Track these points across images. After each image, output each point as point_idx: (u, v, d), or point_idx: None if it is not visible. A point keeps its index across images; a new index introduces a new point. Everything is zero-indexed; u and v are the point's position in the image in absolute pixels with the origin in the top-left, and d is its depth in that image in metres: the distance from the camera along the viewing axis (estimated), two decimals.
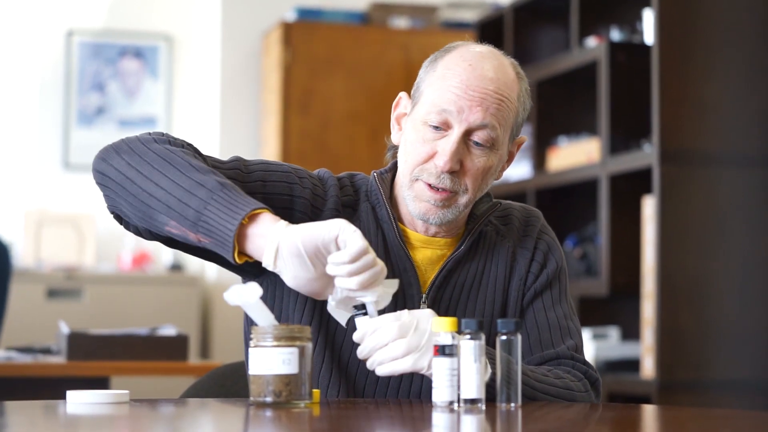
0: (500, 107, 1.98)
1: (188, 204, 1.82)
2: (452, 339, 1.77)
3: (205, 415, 1.83)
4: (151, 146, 1.90)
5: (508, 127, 2.01)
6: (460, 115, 1.96)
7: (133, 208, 1.87)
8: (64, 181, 6.27)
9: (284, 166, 2.03)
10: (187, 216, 1.82)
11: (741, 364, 3.98)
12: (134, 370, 3.44)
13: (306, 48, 5.97)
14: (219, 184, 1.83)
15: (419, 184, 1.99)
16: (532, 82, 4.80)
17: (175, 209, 1.83)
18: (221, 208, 1.80)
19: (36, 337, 4.91)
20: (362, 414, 1.76)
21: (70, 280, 5.75)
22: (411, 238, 2.05)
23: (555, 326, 2.05)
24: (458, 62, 1.99)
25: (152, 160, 1.87)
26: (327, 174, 2.06)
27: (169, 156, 1.88)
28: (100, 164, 1.93)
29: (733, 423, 1.78)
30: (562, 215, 4.78)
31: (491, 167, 2.01)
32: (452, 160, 1.96)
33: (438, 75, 2.00)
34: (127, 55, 6.37)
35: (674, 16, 4.00)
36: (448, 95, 1.96)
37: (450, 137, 1.97)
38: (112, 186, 1.90)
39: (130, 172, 1.87)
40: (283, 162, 2.05)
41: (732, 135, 4.04)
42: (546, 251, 2.10)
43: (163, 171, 1.85)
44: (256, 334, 1.79)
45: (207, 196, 1.81)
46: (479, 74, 1.97)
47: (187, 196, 1.82)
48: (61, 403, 1.85)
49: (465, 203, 2.01)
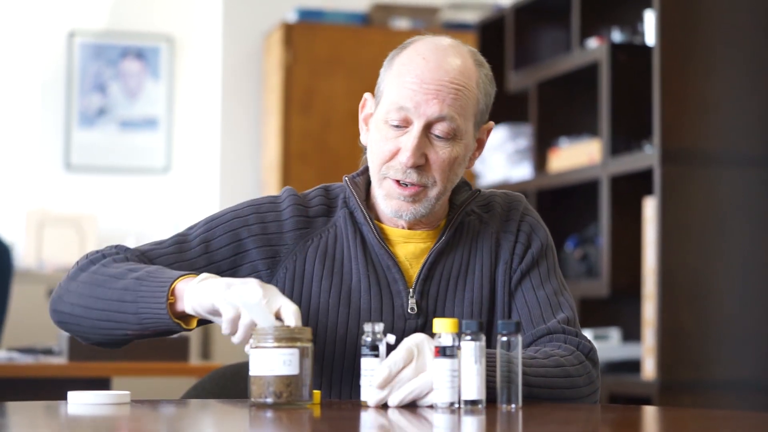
0: (457, 97, 1.98)
1: (125, 311, 1.94)
2: (453, 340, 1.77)
3: (206, 416, 1.83)
4: (78, 278, 2.02)
5: (469, 116, 2.02)
6: (417, 110, 1.97)
7: (98, 335, 2.01)
8: (65, 181, 6.27)
9: (226, 215, 2.09)
10: (130, 321, 1.94)
11: (742, 364, 3.98)
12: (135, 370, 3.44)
13: (307, 48, 5.97)
14: (137, 281, 1.94)
15: (387, 182, 2.01)
16: (533, 83, 4.81)
17: (121, 320, 1.95)
18: (149, 302, 1.92)
19: (37, 337, 4.91)
20: (363, 415, 1.76)
21: None
22: (391, 234, 2.06)
23: (545, 303, 2.05)
24: (413, 57, 2.01)
25: (83, 290, 1.99)
26: (286, 194, 2.10)
27: (93, 279, 1.99)
28: (54, 315, 2.05)
29: (734, 424, 1.78)
30: (563, 216, 4.78)
31: (457, 157, 2.01)
32: (415, 155, 1.97)
33: (394, 72, 2.02)
34: (129, 56, 6.38)
35: (675, 17, 4.00)
36: (404, 92, 1.98)
37: (411, 133, 1.98)
38: (74, 328, 2.02)
39: (76, 310, 2.00)
40: (230, 208, 2.11)
41: (733, 136, 4.04)
42: (529, 232, 2.10)
43: (95, 295, 1.98)
44: (256, 335, 1.79)
45: (133, 297, 1.93)
46: (433, 67, 1.98)
47: (121, 306, 1.95)
48: (62, 403, 1.85)
49: (436, 195, 2.01)
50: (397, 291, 2.02)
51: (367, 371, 1.82)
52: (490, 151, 5.05)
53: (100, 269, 2.00)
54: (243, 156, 6.26)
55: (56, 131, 6.28)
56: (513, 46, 5.01)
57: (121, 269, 1.97)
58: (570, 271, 4.58)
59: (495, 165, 5.04)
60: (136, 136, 6.36)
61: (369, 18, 6.15)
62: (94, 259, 2.04)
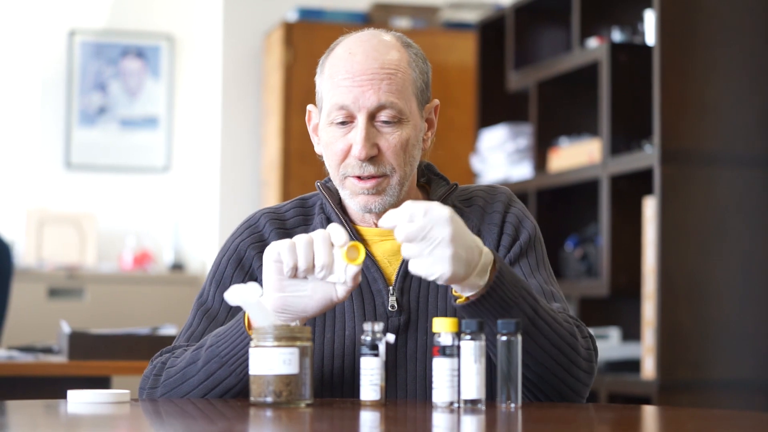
0: (392, 81, 2.00)
1: (221, 382, 1.92)
2: (452, 340, 1.77)
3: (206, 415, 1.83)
4: (154, 395, 1.98)
5: (409, 96, 2.02)
6: (356, 104, 2.00)
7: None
8: (65, 180, 6.27)
9: (222, 261, 2.09)
10: (232, 385, 1.92)
11: (741, 364, 3.98)
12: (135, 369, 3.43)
13: (307, 48, 5.97)
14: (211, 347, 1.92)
15: (348, 180, 2.03)
16: (534, 83, 4.81)
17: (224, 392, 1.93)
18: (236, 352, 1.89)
19: (37, 336, 4.91)
20: (362, 415, 1.76)
21: (71, 279, 5.75)
22: (366, 234, 2.07)
23: (539, 291, 2.01)
24: (339, 56, 2.04)
25: (171, 395, 1.96)
26: (259, 214, 2.12)
27: (170, 383, 1.96)
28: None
29: (733, 423, 1.78)
30: (563, 216, 4.78)
31: (408, 140, 2.02)
32: (366, 146, 1.99)
33: (326, 75, 2.06)
34: (129, 54, 6.38)
35: (675, 17, 4.00)
36: (340, 90, 2.01)
37: (357, 127, 2.00)
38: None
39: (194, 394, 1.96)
40: (221, 253, 2.11)
41: (733, 136, 4.04)
42: (516, 223, 2.08)
43: (184, 392, 1.95)
44: (256, 334, 1.79)
45: (219, 363, 1.91)
46: (360, 59, 2.01)
47: (213, 380, 1.92)
48: (62, 402, 1.85)
49: (398, 182, 2.02)
50: (377, 290, 2.02)
51: (367, 370, 1.82)
52: (491, 151, 5.06)
53: (170, 374, 1.97)
54: (243, 155, 6.26)
55: (56, 130, 6.28)
56: (513, 45, 5.01)
57: (188, 357, 1.96)
58: (570, 271, 4.58)
59: (495, 165, 5.04)
60: (137, 135, 6.36)
61: (369, 17, 6.15)
62: (156, 371, 2.00)
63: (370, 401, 1.81)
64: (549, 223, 4.62)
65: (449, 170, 2.15)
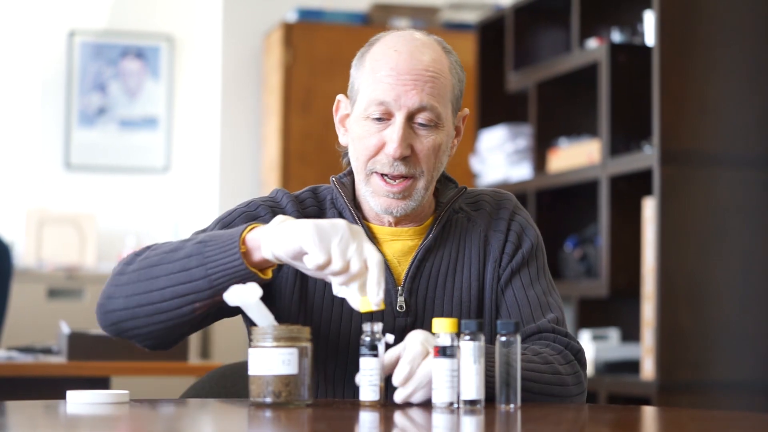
0: (435, 85, 2.00)
1: (193, 279, 1.86)
2: (452, 340, 1.77)
3: (205, 416, 1.83)
4: (127, 271, 1.92)
5: (447, 102, 2.03)
6: (397, 102, 1.98)
7: (159, 326, 1.90)
8: (65, 180, 6.27)
9: (237, 210, 2.06)
10: (201, 289, 1.86)
11: (741, 365, 3.98)
12: (134, 370, 3.44)
13: (307, 48, 5.97)
14: (199, 244, 1.87)
15: (374, 177, 2.02)
16: (533, 84, 4.81)
17: (189, 292, 1.86)
18: (218, 258, 1.84)
19: (37, 336, 4.91)
20: (361, 415, 1.76)
21: (70, 279, 5.75)
22: (378, 233, 2.06)
23: (535, 303, 2.05)
24: (384, 51, 2.02)
25: (138, 278, 1.90)
26: (281, 194, 2.09)
27: (146, 263, 1.91)
28: (105, 318, 1.95)
29: (732, 424, 1.78)
30: (563, 216, 4.78)
31: (441, 145, 2.02)
32: (401, 146, 1.98)
33: (368, 69, 2.03)
34: (129, 55, 6.38)
35: (675, 18, 4.00)
36: (381, 86, 1.99)
37: (394, 125, 1.99)
38: (130, 325, 1.92)
39: (132, 301, 1.90)
40: (233, 208, 2.08)
41: (732, 136, 4.04)
42: (520, 231, 2.10)
43: (153, 276, 1.88)
44: (255, 334, 1.79)
45: (200, 260, 1.85)
46: (406, 57, 2.00)
47: (187, 275, 1.86)
48: (61, 403, 1.85)
49: (424, 186, 2.02)
50: (386, 290, 2.02)
51: (366, 371, 1.82)
52: (490, 152, 5.06)
53: (150, 253, 1.92)
54: (243, 156, 6.26)
55: (56, 130, 6.28)
56: (513, 46, 5.01)
57: (175, 244, 1.91)
58: (569, 271, 4.58)
59: (494, 165, 5.04)
60: (136, 136, 6.36)
61: (369, 18, 6.15)
62: (137, 252, 1.96)
63: (369, 402, 1.81)
64: (548, 224, 4.62)
65: (448, 171, 2.15)
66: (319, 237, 1.79)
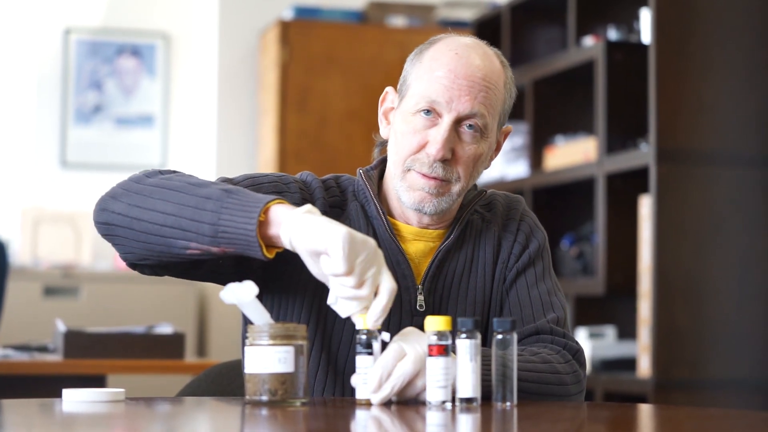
0: (488, 95, 2.00)
1: (201, 220, 1.82)
2: (447, 338, 1.77)
3: (201, 414, 1.83)
4: (144, 182, 1.89)
5: (496, 115, 2.03)
6: (449, 105, 1.98)
7: (147, 246, 1.86)
8: (61, 179, 6.27)
9: (270, 176, 2.04)
10: (204, 233, 1.82)
11: (737, 363, 3.98)
12: (131, 368, 3.44)
13: (303, 46, 5.97)
14: (224, 191, 1.84)
15: (412, 174, 2.01)
16: (529, 81, 4.81)
17: (191, 230, 1.83)
18: (235, 214, 1.80)
19: (33, 335, 4.91)
20: (357, 413, 1.76)
21: (66, 278, 5.75)
22: (402, 231, 2.07)
23: (537, 302, 2.06)
24: (444, 52, 2.01)
25: (151, 192, 1.86)
26: (310, 177, 2.07)
27: (166, 183, 1.87)
28: (101, 215, 1.89)
29: (728, 422, 1.78)
30: (559, 214, 4.78)
31: (482, 155, 2.03)
32: (444, 148, 1.98)
33: (425, 67, 2.01)
34: (125, 53, 6.37)
35: (671, 16, 4.01)
36: (436, 86, 1.99)
37: (441, 126, 1.99)
38: (120, 232, 1.88)
39: (133, 211, 1.86)
40: (265, 173, 2.06)
41: (729, 134, 4.04)
42: (528, 233, 2.12)
43: (165, 198, 1.85)
44: (251, 332, 1.79)
45: (216, 207, 1.82)
46: (465, 62, 1.99)
47: (197, 213, 1.82)
48: (57, 401, 1.85)
49: (458, 191, 2.03)
50: (406, 287, 2.02)
51: (362, 369, 1.82)
52: None
53: (175, 176, 1.88)
54: (239, 154, 6.25)
55: (52, 128, 6.28)
56: (509, 44, 5.01)
57: (200, 180, 1.87)
58: (566, 269, 4.58)
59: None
60: (132, 134, 6.36)
61: (365, 16, 6.15)
62: (162, 171, 1.92)
63: (365, 400, 1.81)
64: (545, 222, 4.58)
65: None
66: (350, 247, 1.76)
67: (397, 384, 1.79)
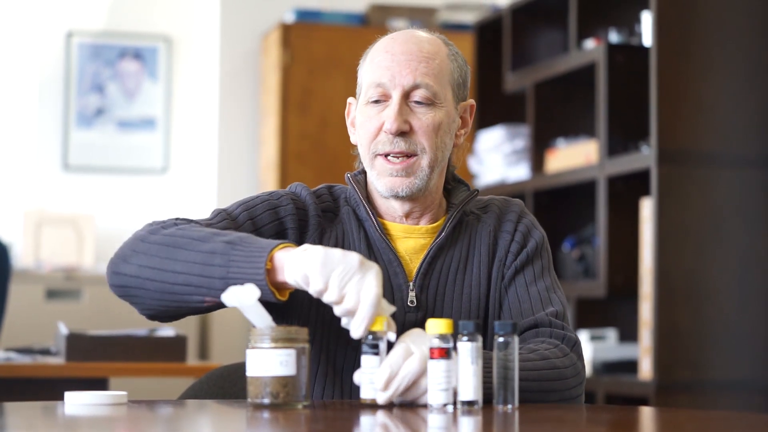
0: (429, 65, 2.05)
1: (212, 276, 1.88)
2: (449, 341, 1.77)
3: (203, 417, 1.84)
4: (149, 240, 1.96)
5: (445, 83, 2.07)
6: (392, 81, 2.04)
7: (163, 303, 1.93)
8: (63, 181, 6.27)
9: (261, 196, 2.10)
10: (215, 287, 1.87)
11: (739, 365, 3.98)
12: (133, 371, 3.44)
13: (305, 49, 5.97)
14: (227, 244, 1.89)
15: (378, 160, 2.06)
16: (531, 84, 4.81)
17: (203, 285, 1.88)
18: (243, 266, 1.86)
19: (35, 337, 4.91)
20: (359, 416, 1.76)
21: (69, 280, 5.75)
22: (392, 230, 2.10)
23: (536, 298, 2.08)
24: (382, 42, 2.11)
25: (158, 251, 1.93)
26: (300, 187, 2.13)
27: (170, 241, 1.94)
28: (114, 278, 1.97)
29: (730, 424, 1.78)
30: (560, 217, 4.78)
31: (441, 123, 2.06)
32: (397, 120, 2.03)
33: (368, 61, 2.10)
34: (127, 56, 6.38)
35: (672, 18, 4.01)
36: (379, 70, 2.06)
37: (391, 102, 2.04)
38: (135, 293, 1.95)
39: (145, 272, 1.93)
40: (256, 195, 2.12)
41: (730, 136, 4.04)
42: (525, 232, 2.13)
43: (172, 257, 1.91)
44: (253, 335, 1.79)
45: (224, 261, 1.87)
46: (402, 41, 2.07)
47: (206, 269, 1.88)
48: (59, 404, 1.85)
49: (428, 164, 2.05)
50: (398, 285, 2.05)
51: (367, 369, 1.82)
52: (488, 152, 5.06)
53: (177, 232, 1.95)
54: (241, 156, 6.26)
55: (54, 131, 6.28)
56: (510, 46, 5.01)
57: (205, 233, 1.93)
58: (567, 272, 4.58)
59: (492, 165, 5.04)
60: (134, 137, 6.36)
61: (366, 18, 6.15)
62: (164, 224, 1.99)
63: (369, 399, 1.81)
64: (546, 224, 4.58)
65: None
66: (323, 264, 1.82)
67: (403, 382, 1.80)
